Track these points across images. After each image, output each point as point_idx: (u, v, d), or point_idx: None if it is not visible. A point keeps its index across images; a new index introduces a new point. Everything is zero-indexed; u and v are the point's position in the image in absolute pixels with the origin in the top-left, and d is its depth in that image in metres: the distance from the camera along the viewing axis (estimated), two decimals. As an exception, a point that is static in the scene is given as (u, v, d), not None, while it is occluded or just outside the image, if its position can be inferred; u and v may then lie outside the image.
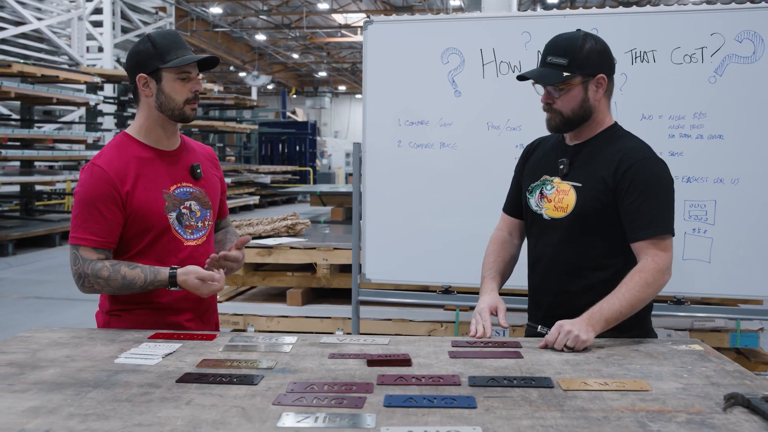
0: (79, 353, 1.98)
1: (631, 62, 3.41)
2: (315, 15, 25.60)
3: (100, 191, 2.22)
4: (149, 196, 2.27)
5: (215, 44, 26.56)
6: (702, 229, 3.38)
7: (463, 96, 3.63)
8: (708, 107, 3.36)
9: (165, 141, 2.37)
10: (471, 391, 1.68)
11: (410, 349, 2.06)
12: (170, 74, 2.26)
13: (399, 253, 3.78)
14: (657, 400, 1.62)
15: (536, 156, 2.45)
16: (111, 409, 1.54)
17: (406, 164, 3.71)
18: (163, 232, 2.29)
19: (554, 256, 2.31)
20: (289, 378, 1.77)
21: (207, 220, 2.42)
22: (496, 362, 1.92)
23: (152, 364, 1.88)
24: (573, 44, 2.20)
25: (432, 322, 4.39)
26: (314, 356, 1.98)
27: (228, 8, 24.60)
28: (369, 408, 1.56)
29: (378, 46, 3.72)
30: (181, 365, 1.88)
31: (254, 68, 30.00)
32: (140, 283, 2.21)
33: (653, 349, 2.08)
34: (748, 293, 3.46)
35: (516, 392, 1.67)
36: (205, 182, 2.44)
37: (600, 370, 1.86)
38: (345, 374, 1.81)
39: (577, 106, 2.22)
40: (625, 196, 2.18)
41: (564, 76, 2.17)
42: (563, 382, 1.73)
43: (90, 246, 2.22)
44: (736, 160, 3.34)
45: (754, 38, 3.30)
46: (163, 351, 1.99)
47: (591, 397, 1.64)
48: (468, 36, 3.61)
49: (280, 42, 29.52)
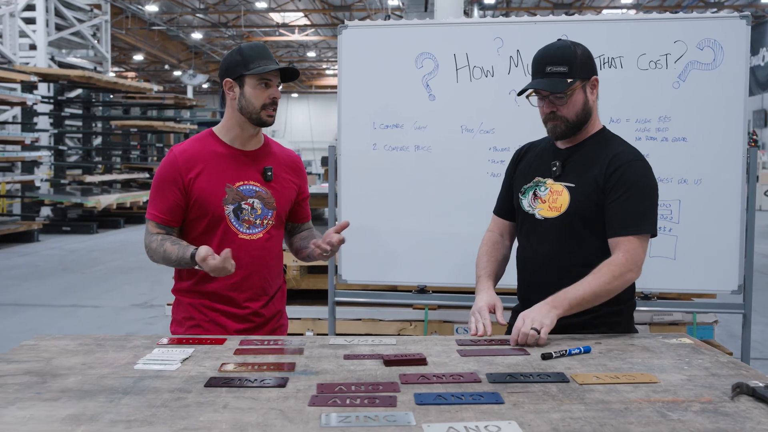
0: (93, 360, 1.99)
1: (599, 67, 3.54)
2: (252, 14, 25.42)
3: (167, 174, 2.50)
4: (210, 186, 2.49)
5: (151, 43, 26.11)
6: (667, 227, 3.55)
7: (438, 100, 3.71)
8: (672, 111, 3.53)
9: (243, 141, 2.58)
10: (492, 387, 1.76)
11: (419, 348, 2.13)
12: (252, 81, 2.48)
13: (374, 254, 3.85)
14: (668, 391, 1.73)
15: (527, 159, 2.55)
16: (151, 414, 1.56)
17: (381, 166, 3.78)
18: (218, 221, 2.50)
19: (547, 255, 2.40)
20: (314, 380, 1.82)
21: (267, 219, 2.58)
22: (507, 359, 2.01)
23: (173, 369, 1.90)
24: (568, 52, 2.32)
25: (401, 321, 4.47)
26: (329, 358, 2.03)
27: (164, 6, 24.21)
28: (402, 406, 1.62)
29: (352, 50, 3.78)
30: (202, 370, 1.90)
31: (190, 67, 29.60)
32: (174, 257, 2.41)
33: (647, 343, 2.19)
34: (710, 288, 3.65)
35: (536, 387, 1.76)
36: (276, 185, 2.61)
37: (605, 364, 1.96)
38: (367, 375, 1.86)
39: (580, 110, 2.34)
40: (610, 193, 2.30)
41: (569, 83, 2.28)
42: (577, 377, 1.83)
43: (153, 221, 2.51)
44: (698, 162, 3.52)
45: (714, 46, 3.48)
46: (180, 356, 2.01)
47: (607, 390, 1.74)
48: (442, 41, 3.70)
49: (216, 41, 29.19)
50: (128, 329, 6.65)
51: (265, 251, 2.57)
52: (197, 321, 2.54)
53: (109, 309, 7.54)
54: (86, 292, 8.41)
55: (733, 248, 3.53)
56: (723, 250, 3.54)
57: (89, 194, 14.87)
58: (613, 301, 2.29)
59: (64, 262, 10.65)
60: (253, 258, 2.53)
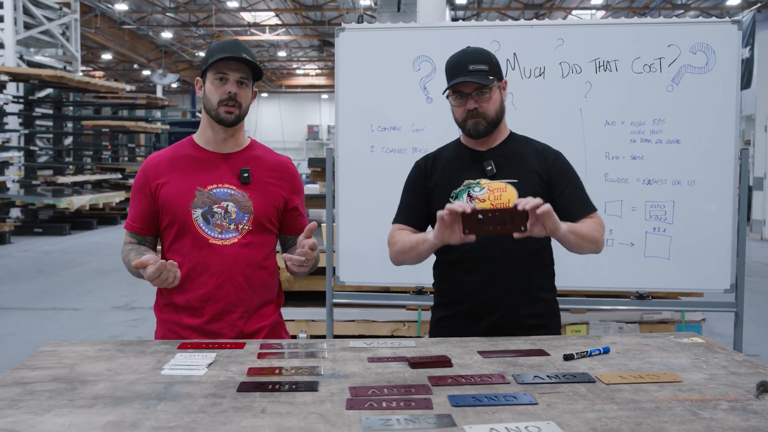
0: (118, 366, 1.98)
1: (595, 71, 3.61)
2: (223, 13, 25.25)
3: (138, 181, 2.49)
4: (179, 190, 2.41)
5: (121, 42, 25.82)
6: (662, 228, 3.62)
7: (435, 102, 3.74)
8: (666, 114, 3.59)
9: (217, 143, 2.49)
10: (522, 388, 1.79)
11: (440, 350, 2.15)
12: (210, 76, 2.40)
13: (371, 256, 3.85)
14: (693, 390, 1.77)
15: (441, 167, 2.54)
16: (191, 420, 1.57)
17: (378, 169, 3.79)
18: (186, 227, 2.41)
19: (505, 250, 2.37)
20: (344, 383, 1.83)
21: (243, 224, 2.42)
22: (528, 360, 2.04)
23: (201, 374, 1.90)
24: (486, 54, 2.45)
25: (395, 322, 4.50)
26: (354, 361, 2.04)
27: (134, 5, 23.94)
28: (438, 408, 1.64)
29: (350, 53, 3.79)
30: (230, 374, 1.91)
31: (159, 66, 29.32)
32: (130, 267, 2.39)
33: (660, 343, 2.24)
34: (703, 287, 3.72)
35: (564, 388, 1.79)
36: (255, 188, 2.46)
37: (626, 364, 2.00)
38: (396, 377, 1.88)
39: (498, 108, 2.45)
40: (558, 184, 2.43)
41: (490, 80, 2.38)
42: (602, 377, 1.86)
43: (127, 230, 2.50)
44: (692, 163, 3.59)
45: (707, 50, 3.55)
46: (205, 361, 2.01)
47: (634, 389, 1.77)
48: (439, 44, 3.72)
49: (186, 40, 28.95)
50: (112, 332, 6.59)
51: (241, 258, 2.40)
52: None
53: (90, 312, 7.46)
54: (65, 295, 8.31)
55: (725, 248, 3.61)
56: (716, 249, 3.61)
57: (61, 195, 14.67)
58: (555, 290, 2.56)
59: (39, 265, 10.51)
60: (226, 265, 2.38)
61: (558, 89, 3.64)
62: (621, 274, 3.67)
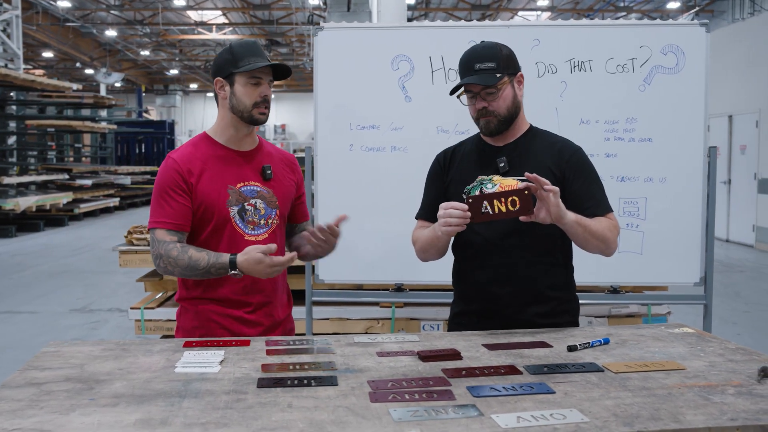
0: (128, 365, 1.97)
1: (570, 71, 3.70)
2: (169, 11, 24.89)
3: (171, 179, 2.44)
4: (213, 188, 2.45)
5: (63, 40, 25.22)
6: (635, 224, 3.73)
7: (414, 101, 3.79)
8: (638, 113, 3.71)
9: (238, 141, 2.54)
10: (536, 378, 1.84)
11: (444, 344, 2.19)
12: (242, 78, 2.45)
13: (351, 253, 3.87)
14: (698, 377, 1.85)
15: (458, 161, 2.57)
16: (220, 416, 1.57)
17: (357, 167, 3.82)
18: (224, 224, 2.45)
19: (516, 246, 2.41)
20: (361, 377, 1.85)
21: (271, 219, 2.54)
22: (534, 352, 2.10)
23: (215, 371, 1.91)
24: (493, 49, 2.43)
25: (369, 319, 4.53)
26: (364, 356, 2.07)
27: (77, 2, 23.42)
28: (461, 399, 1.68)
29: (328, 52, 3.81)
30: (245, 371, 1.91)
31: (103, 65, 28.74)
32: (203, 264, 2.34)
33: (653, 333, 2.33)
34: (673, 280, 3.84)
35: (576, 377, 1.85)
36: (276, 183, 2.57)
37: (628, 353, 2.07)
38: (410, 370, 1.92)
39: (510, 104, 2.43)
40: (573, 181, 2.42)
41: (498, 77, 2.38)
42: (610, 366, 1.93)
43: (164, 228, 2.41)
44: (663, 161, 3.71)
45: (677, 51, 3.67)
46: (216, 358, 2.01)
47: (642, 377, 1.84)
48: (417, 44, 3.77)
49: (131, 38, 28.43)
50: (74, 335, 6.46)
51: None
52: (207, 330, 2.46)
53: (48, 315, 7.30)
54: (18, 298, 8.11)
55: (695, 243, 3.74)
56: (686, 244, 3.74)
57: (5, 196, 14.27)
58: (572, 288, 2.54)
59: (-14, 268, 10.23)
60: None
61: (534, 89, 3.68)
62: (595, 269, 3.75)
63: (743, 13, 15.93)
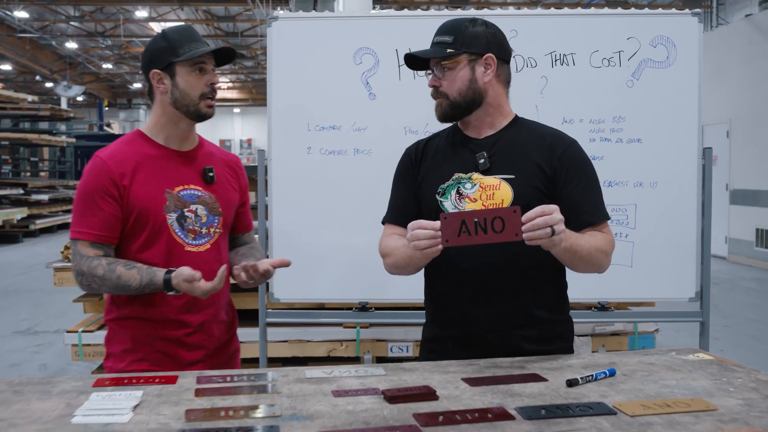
0: (13, 415, 1.54)
1: (551, 65, 3.35)
2: (132, 23, 24.36)
3: (98, 183, 2.13)
4: (149, 192, 2.15)
5: (20, 51, 24.50)
6: (624, 233, 3.37)
7: (378, 99, 3.41)
8: (626, 111, 3.37)
9: (178, 140, 2.26)
10: (533, 426, 1.45)
11: (416, 378, 1.79)
12: (184, 68, 2.17)
13: (309, 270, 3.47)
14: (736, 421, 1.47)
15: (431, 156, 2.20)
16: (114, 491, 1.16)
17: (317, 173, 3.42)
18: (160, 232, 2.16)
19: (499, 258, 2.03)
20: (311, 427, 1.45)
21: (214, 227, 2.26)
22: (526, 388, 1.71)
23: (124, 421, 1.49)
24: (459, 24, 2.08)
25: (332, 341, 4.13)
26: (316, 395, 1.66)
27: (35, 13, 22.77)
28: (438, 458, 1.28)
29: (283, 45, 3.42)
30: (163, 420, 1.50)
31: (63, 78, 28.02)
32: (135, 284, 2.07)
33: (665, 361, 1.95)
34: (666, 296, 3.48)
35: (583, 423, 1.46)
36: (218, 188, 2.29)
37: (641, 389, 1.69)
38: (373, 416, 1.51)
39: (464, 87, 2.06)
40: (567, 182, 2.05)
41: (447, 52, 2.04)
42: (622, 407, 1.54)
43: (87, 240, 2.11)
44: (654, 164, 3.37)
45: (668, 43, 3.34)
46: (128, 402, 1.59)
47: (667, 423, 1.46)
48: (382, 35, 3.40)
49: (92, 50, 27.78)
50: (14, 359, 5.96)
51: (216, 264, 2.19)
52: (143, 354, 2.15)
53: (-13, 338, 6.77)
54: (-43, 320, 7.55)
55: (689, 254, 3.39)
56: (679, 255, 3.39)
57: (-45, 213, 13.64)
58: (565, 308, 2.16)
59: (-71, 287, 9.62)
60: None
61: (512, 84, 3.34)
62: (582, 284, 3.38)
63: (710, 24, 15.84)
